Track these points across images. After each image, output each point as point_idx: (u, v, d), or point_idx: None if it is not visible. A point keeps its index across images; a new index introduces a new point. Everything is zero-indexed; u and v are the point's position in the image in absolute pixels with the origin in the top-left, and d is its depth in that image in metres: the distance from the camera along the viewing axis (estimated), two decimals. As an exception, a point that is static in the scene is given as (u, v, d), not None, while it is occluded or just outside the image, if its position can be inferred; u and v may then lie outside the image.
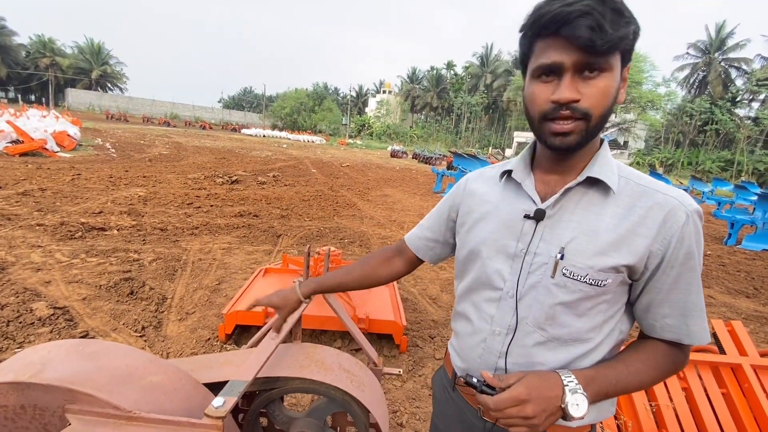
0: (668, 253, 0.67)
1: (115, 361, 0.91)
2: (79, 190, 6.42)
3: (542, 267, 0.72)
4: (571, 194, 0.72)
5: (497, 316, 0.77)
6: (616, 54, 0.63)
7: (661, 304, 0.71)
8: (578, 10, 0.59)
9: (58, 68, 52.64)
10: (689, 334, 0.70)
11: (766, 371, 1.95)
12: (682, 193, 0.70)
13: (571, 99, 0.63)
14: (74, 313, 2.83)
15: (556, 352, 0.73)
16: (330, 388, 1.11)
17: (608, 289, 0.70)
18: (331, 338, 2.80)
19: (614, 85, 0.64)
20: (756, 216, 8.05)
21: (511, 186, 0.80)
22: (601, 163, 0.71)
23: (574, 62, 0.62)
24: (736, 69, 38.19)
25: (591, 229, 0.69)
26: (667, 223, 0.67)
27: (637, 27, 0.63)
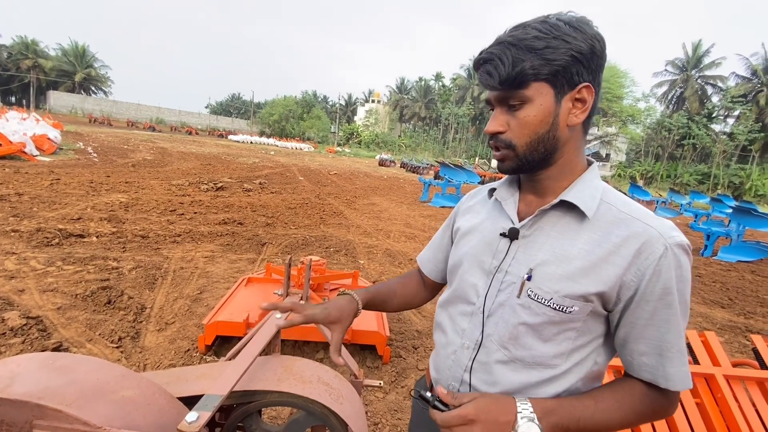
0: (642, 286, 0.65)
1: (87, 375, 0.90)
2: (58, 196, 6.26)
3: (511, 286, 0.73)
4: (548, 216, 0.73)
5: (468, 330, 0.78)
6: (534, 84, 0.65)
7: (637, 340, 0.68)
8: (482, 58, 0.68)
9: (40, 70, 51.55)
10: (666, 376, 0.67)
11: (738, 381, 2.01)
12: (665, 224, 0.67)
13: (493, 131, 0.71)
14: (48, 323, 2.74)
15: (517, 374, 0.72)
16: (308, 402, 1.10)
17: (575, 316, 0.68)
18: (313, 349, 2.77)
19: (539, 113, 0.67)
20: (731, 228, 8.33)
21: (497, 204, 0.82)
22: (579, 187, 0.72)
23: (495, 98, 0.70)
24: (712, 86, 39.79)
25: (563, 253, 0.69)
26: (642, 254, 0.65)
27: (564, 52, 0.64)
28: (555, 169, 0.73)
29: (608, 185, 0.76)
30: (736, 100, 35.04)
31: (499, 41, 0.67)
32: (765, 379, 2.02)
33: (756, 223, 8.37)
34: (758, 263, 7.77)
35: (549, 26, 0.65)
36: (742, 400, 1.91)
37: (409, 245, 6.09)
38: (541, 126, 0.67)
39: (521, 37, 0.65)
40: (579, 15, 0.68)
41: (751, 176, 32.62)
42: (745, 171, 33.67)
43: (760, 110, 35.06)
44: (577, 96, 0.68)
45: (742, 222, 8.35)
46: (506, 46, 0.65)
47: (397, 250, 5.68)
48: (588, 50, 0.65)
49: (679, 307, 0.66)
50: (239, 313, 2.66)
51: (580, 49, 0.64)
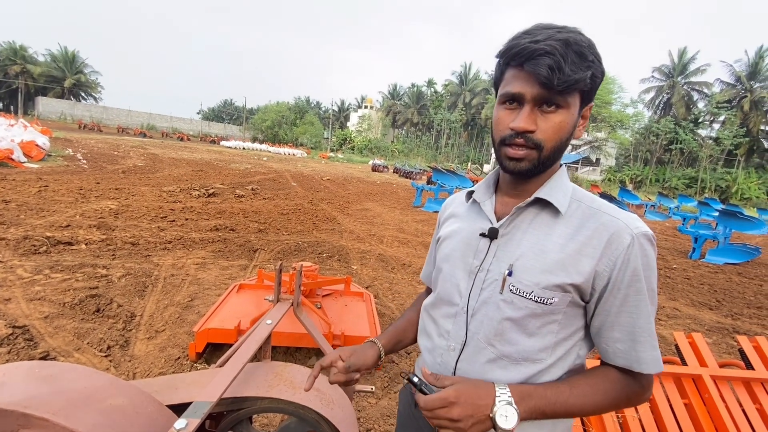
0: (614, 275, 0.69)
1: (74, 383, 0.89)
2: (46, 203, 6.17)
3: (493, 283, 0.75)
4: (524, 214, 0.76)
5: (453, 331, 0.80)
6: (574, 93, 0.68)
7: (612, 327, 0.71)
8: (542, 49, 0.64)
9: (28, 76, 50.92)
10: (638, 360, 0.70)
11: (724, 382, 2.04)
12: (630, 216, 0.72)
13: (526, 129, 0.69)
14: (35, 332, 2.69)
15: (507, 371, 0.74)
16: (299, 408, 1.10)
17: (555, 308, 0.71)
18: (305, 355, 2.76)
19: (570, 121, 0.69)
20: (718, 231, 8.48)
21: (475, 206, 0.84)
22: (552, 185, 0.75)
23: (534, 95, 0.67)
24: (698, 92, 40.61)
25: (539, 247, 0.72)
26: (612, 244, 0.69)
27: (599, 71, 0.68)
28: (545, 174, 0.77)
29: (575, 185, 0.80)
30: (721, 106, 35.80)
31: (552, 36, 0.64)
32: (751, 380, 2.05)
33: (742, 225, 8.53)
34: (745, 265, 7.91)
35: (590, 41, 0.67)
36: (728, 401, 1.94)
37: (402, 250, 6.10)
38: (566, 133, 0.70)
39: (576, 40, 0.65)
40: None
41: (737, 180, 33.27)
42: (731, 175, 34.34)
43: (745, 115, 35.85)
44: (585, 113, 0.73)
45: (728, 225, 8.50)
46: (566, 44, 0.64)
47: (390, 255, 5.69)
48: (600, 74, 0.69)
49: (648, 293, 0.70)
50: (230, 320, 2.64)
51: (603, 72, 0.69)
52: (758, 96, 35.67)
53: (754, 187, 32.41)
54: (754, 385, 2.04)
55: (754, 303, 5.38)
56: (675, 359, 2.27)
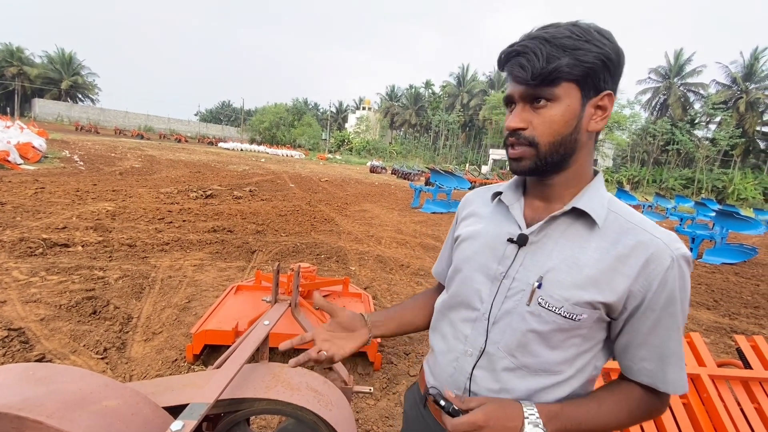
0: (649, 296, 0.67)
1: (68, 385, 0.88)
2: (42, 205, 6.14)
3: (519, 293, 0.72)
4: (557, 223, 0.72)
5: (471, 336, 0.77)
6: (563, 83, 0.65)
7: (640, 346, 0.70)
8: (515, 50, 0.66)
9: (25, 78, 50.76)
10: (665, 381, 0.69)
11: (723, 381, 2.05)
12: (670, 235, 0.68)
13: (515, 127, 0.69)
14: (30, 334, 2.67)
15: (524, 380, 0.73)
16: (296, 409, 1.09)
17: (583, 324, 0.69)
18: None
19: (564, 113, 0.66)
20: (715, 231, 8.52)
21: (501, 208, 0.80)
22: (590, 195, 0.71)
23: (520, 94, 0.68)
24: (694, 93, 40.89)
25: (573, 261, 0.69)
26: (650, 265, 0.66)
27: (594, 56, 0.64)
28: (568, 174, 0.72)
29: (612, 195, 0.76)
30: (717, 107, 36.04)
31: (531, 36, 0.66)
32: (749, 379, 2.05)
33: (739, 226, 8.57)
34: (741, 265, 7.95)
35: (581, 29, 0.65)
36: (727, 400, 1.94)
37: (400, 251, 6.10)
38: (566, 127, 0.67)
39: (555, 34, 0.64)
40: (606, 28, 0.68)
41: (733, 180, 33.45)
42: (728, 175, 34.54)
43: (740, 116, 36.08)
44: (599, 102, 0.68)
45: (725, 225, 8.54)
46: (541, 41, 0.64)
47: (388, 256, 5.68)
48: (615, 59, 0.66)
49: (681, 315, 0.68)
50: (228, 321, 2.62)
51: (609, 56, 0.65)
52: (754, 97, 35.92)
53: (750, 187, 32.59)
54: (752, 385, 2.04)
55: (752, 303, 5.40)
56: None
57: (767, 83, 36.36)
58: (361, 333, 0.89)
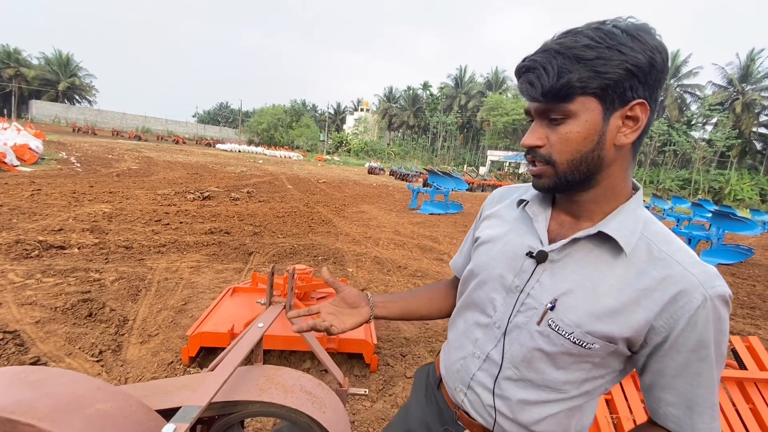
0: (674, 335, 0.61)
1: (60, 388, 0.88)
2: (39, 206, 6.11)
3: (531, 311, 0.69)
4: (581, 243, 0.68)
5: (481, 341, 0.77)
6: (580, 98, 0.60)
7: (664, 389, 0.65)
8: (524, 66, 0.63)
9: (22, 79, 50.61)
10: (693, 430, 0.64)
11: (717, 381, 2.06)
12: (708, 271, 0.61)
13: (530, 144, 0.66)
14: (26, 337, 2.66)
15: (524, 390, 0.72)
16: (290, 411, 1.09)
17: (595, 353, 0.65)
18: (300, 359, 2.74)
19: (582, 130, 0.61)
20: (711, 232, 8.55)
21: (525, 216, 0.76)
22: (622, 218, 0.66)
23: (535, 109, 0.65)
24: (690, 94, 41.11)
25: (591, 287, 0.65)
26: (678, 301, 0.60)
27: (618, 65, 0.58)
28: (597, 191, 0.67)
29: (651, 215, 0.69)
30: (713, 108, 36.22)
31: (545, 48, 0.62)
32: (744, 379, 2.06)
33: (735, 226, 8.60)
34: (738, 266, 7.98)
35: (603, 34, 0.58)
36: (722, 401, 1.95)
37: (398, 253, 6.10)
38: (585, 144, 0.62)
39: (570, 44, 0.59)
40: (640, 22, 0.60)
41: (729, 181, 33.61)
42: (724, 176, 34.70)
43: (737, 117, 36.28)
44: (629, 113, 0.61)
45: (721, 226, 8.58)
46: (552, 54, 0.60)
47: (386, 258, 5.68)
48: (646, 63, 0.58)
49: (715, 361, 0.62)
50: (224, 323, 2.62)
51: (637, 62, 0.58)
52: (750, 98, 36.13)
53: (746, 188, 32.75)
54: (747, 385, 2.05)
55: (747, 303, 5.42)
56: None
57: (763, 84, 36.59)
58: (363, 310, 0.89)
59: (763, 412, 1.94)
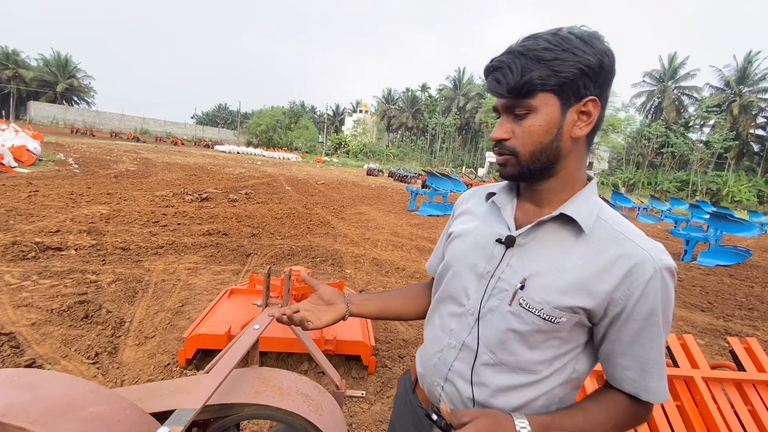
0: (629, 305, 0.68)
1: (54, 391, 0.87)
2: (36, 208, 6.09)
3: (503, 293, 0.74)
4: (545, 228, 0.74)
5: (456, 330, 0.80)
6: (540, 94, 0.67)
7: (622, 355, 0.71)
8: (492, 66, 0.70)
9: (20, 80, 50.50)
10: (647, 389, 0.71)
11: (716, 383, 2.05)
12: (656, 247, 0.69)
13: (498, 137, 0.73)
14: (21, 339, 2.65)
15: (501, 376, 0.75)
16: (287, 414, 1.08)
17: (562, 327, 0.71)
18: (297, 361, 2.73)
19: (542, 123, 0.68)
20: (709, 233, 8.57)
21: (494, 208, 0.82)
22: (579, 202, 0.73)
23: (502, 105, 0.72)
24: (688, 96, 41.25)
25: (557, 266, 0.71)
26: (633, 274, 0.67)
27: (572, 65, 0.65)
28: (556, 181, 0.74)
29: (604, 202, 0.77)
30: (710, 110, 36.37)
31: (509, 50, 0.69)
32: (742, 381, 2.06)
33: (733, 228, 8.63)
34: (736, 267, 7.99)
35: (559, 38, 0.66)
36: (720, 402, 1.95)
37: (397, 254, 6.09)
38: (545, 136, 0.69)
39: (531, 47, 0.66)
40: (591, 30, 0.69)
41: (727, 183, 33.72)
42: (722, 178, 34.81)
43: (734, 119, 36.42)
44: (582, 109, 0.69)
45: (719, 227, 8.60)
46: (516, 55, 0.67)
47: (385, 259, 5.67)
48: (596, 64, 0.66)
49: (663, 326, 0.69)
50: (221, 325, 2.61)
51: (589, 63, 0.66)
52: (747, 100, 36.28)
53: (744, 189, 32.85)
54: (745, 387, 2.05)
55: (745, 305, 5.43)
56: (667, 361, 2.28)
57: (760, 86, 36.75)
58: (339, 307, 0.92)
59: (761, 413, 1.94)
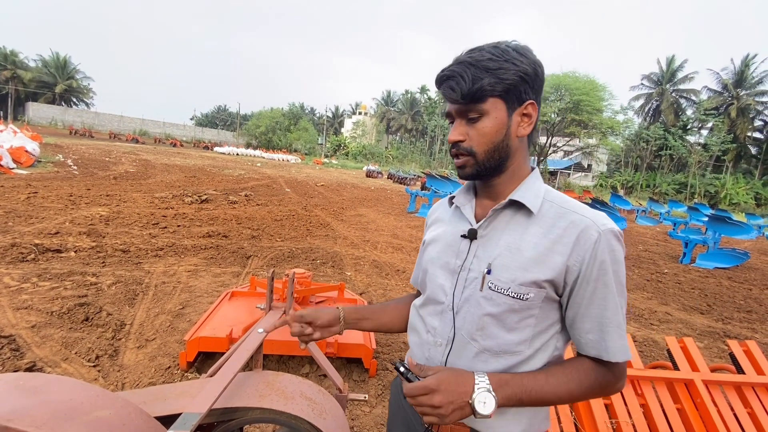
0: (583, 269, 0.74)
1: (59, 395, 0.87)
2: (35, 209, 6.08)
3: (474, 281, 0.80)
4: (501, 216, 0.81)
5: (439, 327, 0.84)
6: (489, 99, 0.75)
7: (583, 319, 0.76)
8: (444, 75, 0.77)
9: (19, 81, 50.42)
10: (607, 349, 0.74)
11: (716, 386, 2.06)
12: (598, 214, 0.77)
13: (454, 140, 0.79)
14: (21, 342, 2.64)
15: (488, 364, 0.79)
16: (291, 418, 1.08)
17: (532, 303, 0.76)
18: (299, 364, 2.73)
19: (494, 125, 0.76)
20: (708, 236, 8.59)
21: (457, 211, 0.90)
22: (525, 188, 0.81)
23: (456, 111, 0.79)
24: (686, 99, 41.37)
25: (515, 246, 0.77)
26: (581, 241, 0.74)
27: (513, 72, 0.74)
28: (507, 176, 0.82)
29: (549, 186, 0.85)
30: (708, 113, 36.47)
31: (458, 61, 0.76)
32: (742, 384, 2.07)
33: (731, 230, 8.66)
34: (734, 269, 8.01)
35: (500, 50, 0.75)
36: (720, 405, 1.95)
37: (396, 256, 6.10)
38: (497, 135, 0.77)
39: (478, 58, 0.74)
40: (523, 44, 0.78)
41: (725, 185, 33.80)
42: (720, 180, 34.90)
43: (732, 122, 36.55)
44: (524, 111, 0.78)
45: (718, 230, 8.62)
46: (466, 65, 0.74)
47: (384, 261, 5.68)
48: (532, 72, 0.76)
49: (615, 286, 0.74)
50: (222, 328, 2.61)
51: (526, 71, 0.75)
52: (744, 103, 36.42)
53: (742, 192, 32.94)
54: (745, 390, 2.05)
55: (744, 307, 5.44)
56: (667, 364, 2.28)
57: (758, 90, 36.91)
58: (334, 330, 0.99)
59: (761, 416, 1.94)
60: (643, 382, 2.02)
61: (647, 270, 7.20)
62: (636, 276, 6.64)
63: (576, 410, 1.94)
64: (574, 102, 30.60)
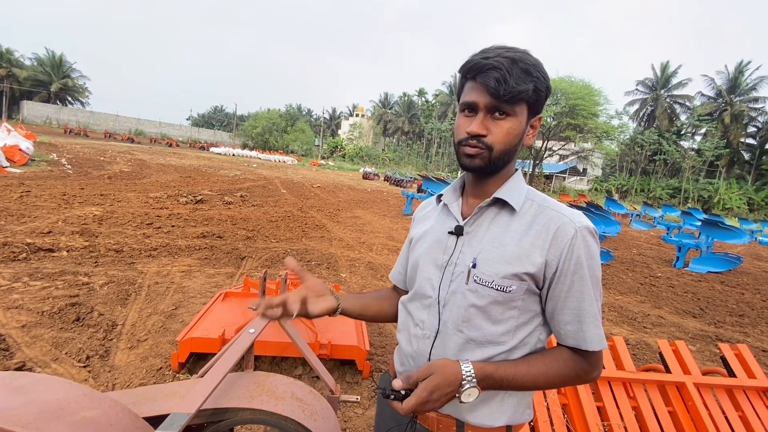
0: (560, 263, 0.78)
1: (46, 395, 0.86)
2: (28, 208, 6.02)
3: (460, 275, 0.83)
4: (486, 213, 0.86)
5: (427, 320, 0.87)
6: (521, 104, 0.78)
7: (561, 311, 0.80)
8: (490, 64, 0.75)
9: (14, 79, 50.02)
10: (585, 339, 0.78)
11: (707, 389, 2.07)
12: (574, 212, 0.82)
13: (479, 133, 0.79)
14: (11, 342, 2.61)
15: (472, 353, 0.82)
16: (280, 419, 1.08)
17: (514, 295, 0.80)
18: (291, 365, 2.72)
19: (518, 128, 0.79)
20: (701, 240, 8.66)
21: (445, 209, 0.93)
22: (509, 187, 0.85)
23: (486, 104, 0.78)
24: (680, 105, 41.78)
25: (498, 242, 0.81)
26: (558, 236, 0.78)
27: (543, 86, 0.78)
28: (497, 176, 0.86)
29: (531, 186, 0.89)
30: (702, 119, 36.87)
31: (499, 53, 0.76)
32: (733, 387, 2.08)
33: (724, 235, 8.73)
34: (727, 274, 8.08)
35: (536, 60, 0.78)
36: (711, 408, 1.96)
37: (392, 258, 6.09)
38: (516, 138, 0.80)
39: (522, 58, 0.76)
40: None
41: (718, 190, 34.12)
42: (713, 185, 35.23)
43: (725, 128, 36.95)
44: (533, 123, 0.83)
45: (711, 234, 8.70)
46: (511, 61, 0.75)
47: (380, 263, 5.67)
48: (547, 89, 0.80)
49: (590, 279, 0.78)
50: (215, 328, 2.59)
51: (547, 87, 0.80)
52: (738, 109, 36.84)
53: (735, 197, 33.26)
54: (736, 393, 2.07)
55: (736, 311, 5.49)
56: (659, 367, 2.29)
57: (751, 96, 37.34)
58: (330, 299, 0.93)
59: (752, 419, 1.96)
60: (635, 384, 2.03)
61: (641, 273, 7.24)
62: (630, 279, 6.68)
63: (568, 413, 1.94)
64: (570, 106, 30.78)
